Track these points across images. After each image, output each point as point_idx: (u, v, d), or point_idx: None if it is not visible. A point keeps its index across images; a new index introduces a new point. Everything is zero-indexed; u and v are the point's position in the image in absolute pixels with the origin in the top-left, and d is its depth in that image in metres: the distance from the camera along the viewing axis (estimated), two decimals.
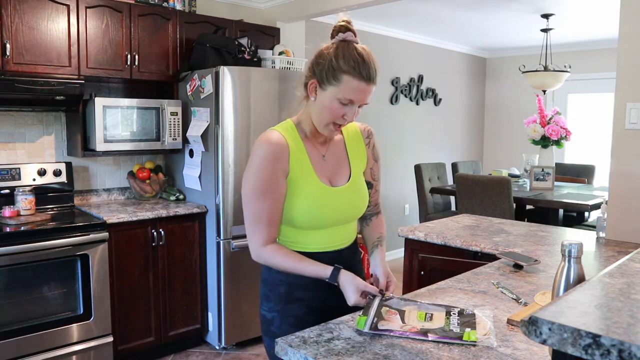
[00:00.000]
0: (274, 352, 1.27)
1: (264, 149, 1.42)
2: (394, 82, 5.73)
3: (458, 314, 1.37)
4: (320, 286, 1.45)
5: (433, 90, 6.25)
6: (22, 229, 2.65)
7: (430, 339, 1.23)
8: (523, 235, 2.40)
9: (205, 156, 3.34)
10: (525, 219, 4.55)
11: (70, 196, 3.27)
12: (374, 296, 1.40)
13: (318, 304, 1.50)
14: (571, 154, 6.35)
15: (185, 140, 3.46)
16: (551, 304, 0.76)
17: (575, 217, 4.81)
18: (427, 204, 5.14)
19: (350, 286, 1.36)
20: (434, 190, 4.99)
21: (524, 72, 5.11)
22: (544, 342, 0.70)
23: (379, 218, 1.72)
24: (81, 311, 2.80)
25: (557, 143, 4.77)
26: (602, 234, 2.33)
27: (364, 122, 1.65)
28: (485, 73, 7.16)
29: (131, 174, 3.56)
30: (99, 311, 2.86)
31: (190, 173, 3.48)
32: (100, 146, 3.09)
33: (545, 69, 4.96)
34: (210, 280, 3.36)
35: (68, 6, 2.97)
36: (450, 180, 5.76)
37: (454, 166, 5.63)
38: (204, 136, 3.30)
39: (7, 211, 2.82)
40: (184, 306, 3.30)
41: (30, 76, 2.84)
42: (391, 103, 5.73)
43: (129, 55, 3.21)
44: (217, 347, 3.38)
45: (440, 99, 6.37)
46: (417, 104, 6.07)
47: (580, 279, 1.06)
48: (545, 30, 5.01)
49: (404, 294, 2.19)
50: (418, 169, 5.18)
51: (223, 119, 3.18)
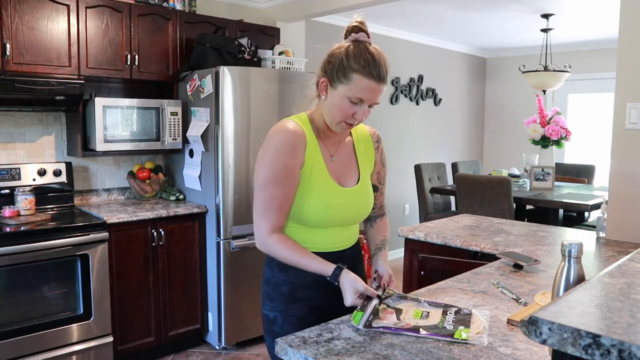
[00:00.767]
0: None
1: (282, 136, 1.42)
2: (394, 82, 5.73)
3: (455, 313, 1.37)
4: (323, 286, 1.45)
5: (433, 90, 6.25)
6: (22, 229, 2.65)
7: (421, 335, 1.24)
8: (523, 235, 2.40)
9: (205, 156, 3.34)
10: (525, 219, 4.55)
11: (70, 196, 3.27)
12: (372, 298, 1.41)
13: (320, 303, 1.50)
14: (571, 154, 6.35)
15: (185, 140, 3.46)
16: (551, 304, 0.76)
17: (575, 217, 4.81)
18: (427, 204, 5.14)
19: (350, 287, 1.36)
20: (434, 190, 4.99)
21: (524, 72, 5.11)
22: (544, 342, 0.70)
23: (383, 220, 1.75)
24: (81, 311, 2.80)
25: (557, 143, 4.77)
26: (602, 234, 2.33)
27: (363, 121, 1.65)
28: (485, 73, 7.16)
29: (131, 174, 3.56)
30: (99, 311, 2.86)
31: (190, 173, 3.48)
32: (100, 146, 3.09)
33: (545, 69, 4.96)
34: (210, 280, 3.36)
35: (68, 6, 2.97)
36: (450, 180, 5.76)
37: (454, 166, 5.63)
38: (204, 136, 3.30)
39: (7, 211, 2.82)
40: (184, 306, 3.30)
41: (30, 76, 2.84)
42: (391, 103, 5.73)
43: (129, 55, 3.21)
44: (217, 347, 3.38)
45: (440, 99, 6.37)
46: (417, 104, 6.07)
47: (580, 279, 1.06)
48: (545, 30, 5.01)
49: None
50: (418, 169, 5.18)
51: (223, 119, 3.18)
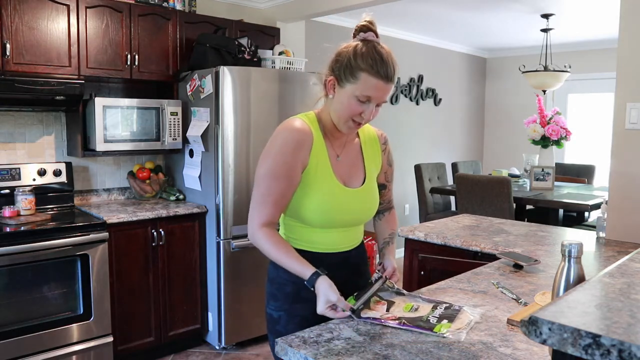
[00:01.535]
0: None
1: (287, 134, 1.44)
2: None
3: (444, 309, 1.38)
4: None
5: (433, 90, 6.25)
6: (22, 229, 2.65)
7: (402, 327, 1.27)
8: (523, 235, 2.40)
9: (205, 156, 3.34)
10: (525, 219, 4.55)
11: (70, 196, 3.27)
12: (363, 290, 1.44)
13: None
14: (571, 154, 6.35)
15: (185, 140, 3.46)
16: (551, 304, 0.76)
17: (575, 217, 4.81)
18: (427, 204, 5.14)
19: (323, 296, 1.35)
20: (434, 190, 4.99)
21: (524, 72, 5.11)
22: (544, 342, 0.70)
23: (391, 213, 1.76)
24: (81, 311, 2.80)
25: (557, 143, 4.77)
26: (602, 234, 2.33)
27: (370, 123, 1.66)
28: (485, 73, 7.16)
29: (131, 174, 3.56)
30: (99, 311, 2.86)
31: (190, 173, 3.48)
32: (100, 146, 3.09)
33: (545, 69, 4.96)
34: (210, 280, 3.36)
35: (68, 6, 2.97)
36: (450, 180, 5.76)
37: (454, 166, 5.63)
38: (204, 136, 3.30)
39: (7, 211, 2.82)
40: (184, 306, 3.30)
41: (30, 76, 2.84)
42: (391, 103, 5.73)
43: (129, 55, 3.21)
44: (217, 347, 3.38)
45: (440, 99, 6.37)
46: (417, 104, 6.07)
47: (580, 279, 1.06)
48: (545, 30, 5.01)
49: None
50: (418, 169, 5.18)
51: (223, 119, 3.18)
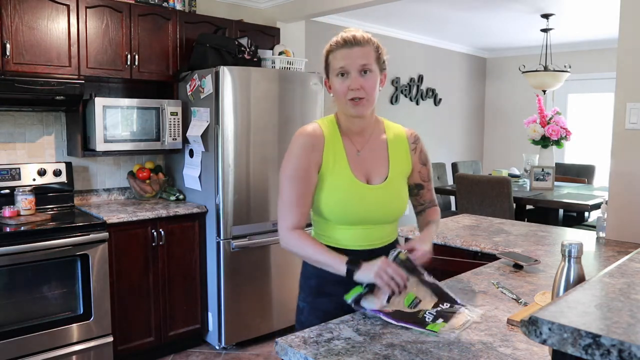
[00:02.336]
0: None
1: (299, 139, 1.52)
2: (394, 82, 5.73)
3: (447, 306, 1.38)
4: (350, 286, 1.43)
5: (433, 90, 6.25)
6: (22, 229, 2.65)
7: (395, 322, 1.28)
8: (523, 235, 2.40)
9: (205, 156, 3.34)
10: (525, 219, 4.55)
11: (70, 196, 3.27)
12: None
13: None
14: (571, 154, 6.35)
15: (185, 140, 3.46)
16: (551, 304, 0.76)
17: (575, 217, 4.81)
18: None
19: (366, 272, 1.38)
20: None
21: (524, 72, 5.11)
22: (544, 342, 0.70)
23: (433, 209, 1.75)
24: (81, 311, 2.80)
25: (557, 143, 4.77)
26: (602, 234, 2.33)
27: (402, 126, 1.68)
28: (485, 73, 7.16)
29: (131, 174, 3.56)
30: (99, 311, 2.86)
31: (190, 173, 3.48)
32: (100, 146, 3.09)
33: (545, 69, 4.96)
34: (210, 280, 3.36)
35: (68, 6, 2.97)
36: (450, 180, 5.76)
37: (454, 166, 5.63)
38: (204, 136, 3.30)
39: (7, 211, 2.82)
40: (184, 306, 3.30)
41: (30, 76, 2.83)
42: (391, 103, 5.73)
43: (129, 55, 3.21)
44: (217, 347, 3.38)
45: (440, 99, 6.37)
46: (417, 104, 6.07)
47: (580, 279, 1.06)
48: (545, 30, 5.01)
49: None
50: None
51: (223, 119, 3.18)
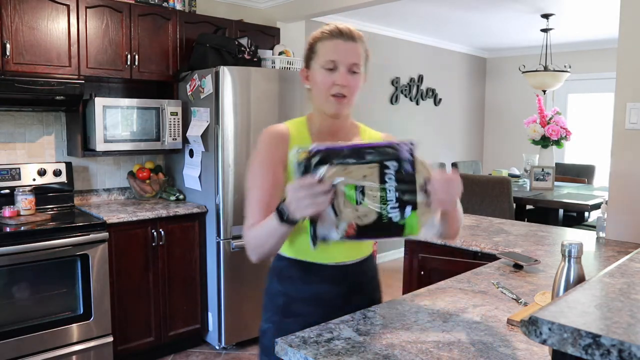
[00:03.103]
0: None
1: (264, 136, 1.41)
2: (394, 82, 5.73)
3: (395, 177, 1.07)
4: (322, 302, 1.37)
5: (433, 90, 6.25)
6: (22, 229, 2.65)
7: (371, 240, 1.14)
8: (523, 235, 2.40)
9: (205, 156, 3.34)
10: (525, 219, 4.55)
11: (70, 196, 3.27)
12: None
13: (317, 319, 1.34)
14: (571, 154, 6.35)
15: (185, 140, 3.46)
16: (551, 304, 0.76)
17: (575, 217, 4.81)
18: None
19: (291, 192, 1.13)
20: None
21: (524, 72, 5.11)
22: (544, 342, 0.69)
23: None
24: (81, 311, 2.80)
25: (557, 143, 4.77)
26: (602, 234, 2.33)
27: (362, 121, 1.59)
28: (485, 73, 7.16)
29: (131, 174, 3.56)
30: (99, 311, 2.86)
31: (190, 173, 3.48)
32: (100, 146, 3.09)
33: (545, 69, 4.96)
34: (210, 280, 3.36)
35: (68, 6, 2.97)
36: None
37: (454, 166, 5.63)
38: (204, 136, 3.30)
39: (7, 211, 2.82)
40: (184, 306, 3.30)
41: (30, 76, 2.84)
42: (391, 103, 5.73)
43: (129, 55, 3.21)
44: (217, 347, 3.38)
45: (440, 99, 6.37)
46: (417, 104, 6.07)
47: (580, 279, 1.06)
48: (545, 30, 5.01)
49: (404, 293, 2.19)
50: None
51: (223, 119, 3.18)
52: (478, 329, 1.29)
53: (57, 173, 3.20)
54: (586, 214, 4.76)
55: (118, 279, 2.99)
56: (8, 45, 2.77)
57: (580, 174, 5.59)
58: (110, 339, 2.91)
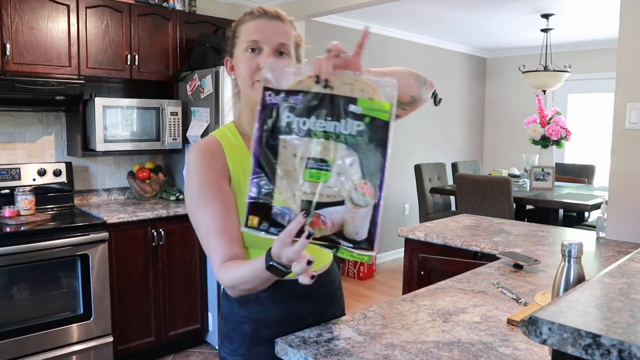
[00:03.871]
0: None
1: (192, 157, 1.20)
2: None
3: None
4: (295, 322, 1.26)
5: (433, 91, 6.25)
6: (22, 229, 2.65)
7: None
8: (523, 235, 2.40)
9: None
10: (525, 219, 4.55)
11: (70, 196, 3.27)
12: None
13: None
14: (571, 154, 6.35)
15: (185, 140, 3.46)
16: (551, 304, 0.76)
17: (575, 217, 4.81)
18: (427, 204, 5.14)
19: (277, 245, 0.96)
20: (434, 190, 4.99)
21: (524, 72, 5.11)
22: (544, 342, 0.69)
23: None
24: (81, 311, 2.80)
25: (557, 143, 4.77)
26: (602, 234, 2.34)
27: None
28: (485, 73, 7.16)
29: (131, 174, 3.56)
30: (99, 311, 2.86)
31: None
32: (100, 146, 3.09)
33: (545, 69, 4.96)
34: (210, 280, 3.36)
35: (68, 6, 2.97)
36: (450, 180, 5.76)
37: (454, 166, 5.63)
38: (204, 136, 3.30)
39: (7, 211, 2.82)
40: (184, 306, 3.30)
41: (30, 76, 2.84)
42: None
43: (129, 55, 3.21)
44: (217, 347, 3.38)
45: (440, 99, 6.37)
46: None
47: (580, 279, 1.06)
48: (545, 30, 5.01)
49: (403, 293, 2.19)
50: (418, 169, 5.18)
51: (223, 119, 3.18)
52: (478, 329, 1.29)
53: (57, 173, 3.20)
54: (586, 214, 4.76)
55: (118, 279, 2.99)
56: (8, 45, 2.77)
57: (580, 174, 5.59)
58: (110, 339, 2.91)
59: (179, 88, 3.52)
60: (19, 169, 3.07)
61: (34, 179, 3.11)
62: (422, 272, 2.37)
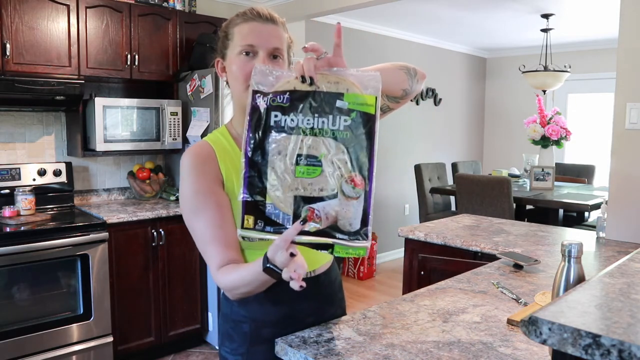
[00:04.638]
0: None
1: (185, 163, 1.22)
2: None
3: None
4: (294, 322, 1.26)
5: (433, 90, 6.25)
6: (22, 229, 2.65)
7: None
8: (523, 235, 2.40)
9: None
10: (525, 219, 4.55)
11: (70, 196, 3.27)
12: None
13: None
14: (571, 154, 6.35)
15: (185, 140, 3.46)
16: (551, 304, 0.76)
17: (575, 217, 4.81)
18: (427, 204, 5.14)
19: (273, 250, 0.99)
20: (434, 190, 4.99)
21: (524, 72, 5.11)
22: (544, 342, 0.69)
23: None
24: (81, 311, 2.80)
25: (557, 143, 4.77)
26: (602, 234, 2.34)
27: None
28: (485, 73, 7.16)
29: (131, 174, 3.56)
30: (99, 311, 2.86)
31: None
32: (100, 146, 3.09)
33: (545, 69, 4.96)
34: (210, 280, 3.36)
35: (68, 6, 2.97)
36: (450, 180, 5.76)
37: (454, 166, 5.63)
38: (204, 136, 3.29)
39: (7, 211, 2.82)
40: (184, 306, 3.30)
41: (30, 76, 2.84)
42: None
43: (129, 55, 3.21)
44: (218, 346, 3.37)
45: (440, 99, 6.37)
46: (417, 104, 6.07)
47: (580, 279, 1.06)
48: (545, 30, 5.01)
49: (403, 293, 2.19)
50: (418, 169, 5.18)
51: (223, 119, 3.18)
52: (478, 329, 1.29)
53: (57, 173, 3.20)
54: (586, 214, 4.76)
55: (118, 279, 2.99)
56: (8, 45, 2.77)
57: (580, 174, 5.59)
58: (110, 339, 2.91)
59: (179, 88, 3.52)
60: (19, 169, 3.07)
61: (34, 179, 3.11)
62: (422, 272, 2.37)
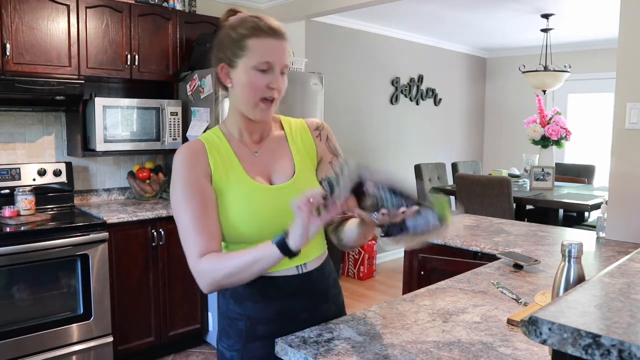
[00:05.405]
0: None
1: (177, 157, 1.26)
2: (394, 82, 5.73)
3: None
4: (289, 319, 1.27)
5: (433, 90, 6.25)
6: (22, 229, 2.65)
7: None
8: (523, 235, 2.40)
9: None
10: (525, 219, 4.55)
11: (70, 196, 3.27)
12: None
13: None
14: (571, 154, 6.35)
15: (185, 140, 3.46)
16: (551, 304, 0.76)
17: (575, 217, 4.81)
18: None
19: (297, 225, 1.07)
20: (434, 190, 4.99)
21: (524, 72, 5.11)
22: (544, 342, 0.69)
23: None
24: (81, 311, 2.80)
25: (557, 143, 4.77)
26: (602, 234, 2.33)
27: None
28: (485, 73, 7.16)
29: (131, 174, 3.56)
30: (99, 311, 2.86)
31: None
32: (100, 146, 3.09)
33: (545, 69, 4.96)
34: None
35: (68, 6, 2.97)
36: (450, 180, 5.76)
37: (454, 166, 5.63)
38: None
39: (7, 211, 2.82)
40: (184, 306, 3.30)
41: (30, 76, 2.84)
42: (391, 103, 5.73)
43: (129, 55, 3.21)
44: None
45: (440, 99, 6.37)
46: (417, 104, 6.07)
47: (580, 279, 1.06)
48: (545, 30, 5.01)
49: (403, 293, 2.19)
50: (418, 169, 5.18)
51: (223, 119, 3.18)
52: (478, 329, 1.29)
53: (57, 173, 3.20)
54: (586, 214, 4.76)
55: (118, 279, 2.99)
56: (8, 45, 2.77)
57: (580, 174, 5.59)
58: (110, 339, 2.91)
59: (179, 88, 3.52)
60: (19, 169, 3.07)
61: (34, 179, 3.11)
62: (422, 272, 2.37)
